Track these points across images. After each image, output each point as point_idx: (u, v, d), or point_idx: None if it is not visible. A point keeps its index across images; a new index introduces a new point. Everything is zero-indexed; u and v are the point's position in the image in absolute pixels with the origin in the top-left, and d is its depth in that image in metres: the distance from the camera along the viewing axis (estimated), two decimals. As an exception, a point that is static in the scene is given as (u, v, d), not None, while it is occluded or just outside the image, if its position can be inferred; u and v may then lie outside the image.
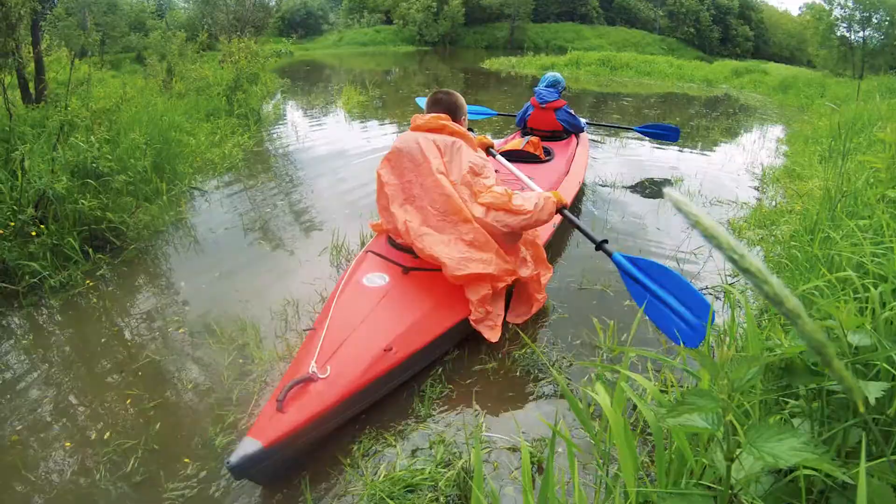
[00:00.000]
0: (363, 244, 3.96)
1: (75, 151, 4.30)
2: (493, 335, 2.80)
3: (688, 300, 2.44)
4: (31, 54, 5.82)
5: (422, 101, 4.39)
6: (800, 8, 47.54)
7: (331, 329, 2.43)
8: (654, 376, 2.57)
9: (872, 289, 1.48)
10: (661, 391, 2.13)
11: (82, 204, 3.94)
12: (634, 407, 2.23)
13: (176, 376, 2.76)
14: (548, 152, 4.95)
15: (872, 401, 1.08)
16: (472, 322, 2.78)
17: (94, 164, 4.26)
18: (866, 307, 1.55)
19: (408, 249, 2.98)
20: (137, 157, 4.75)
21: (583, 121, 5.51)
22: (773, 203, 5.11)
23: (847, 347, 1.21)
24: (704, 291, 3.43)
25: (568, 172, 4.69)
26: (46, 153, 4.28)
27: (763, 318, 2.64)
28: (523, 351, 2.86)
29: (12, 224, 3.62)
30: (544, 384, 2.65)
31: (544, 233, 3.51)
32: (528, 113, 5.55)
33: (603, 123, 8.17)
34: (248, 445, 1.91)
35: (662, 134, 6.49)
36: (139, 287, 3.66)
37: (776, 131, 10.05)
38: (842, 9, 19.19)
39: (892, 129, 2.89)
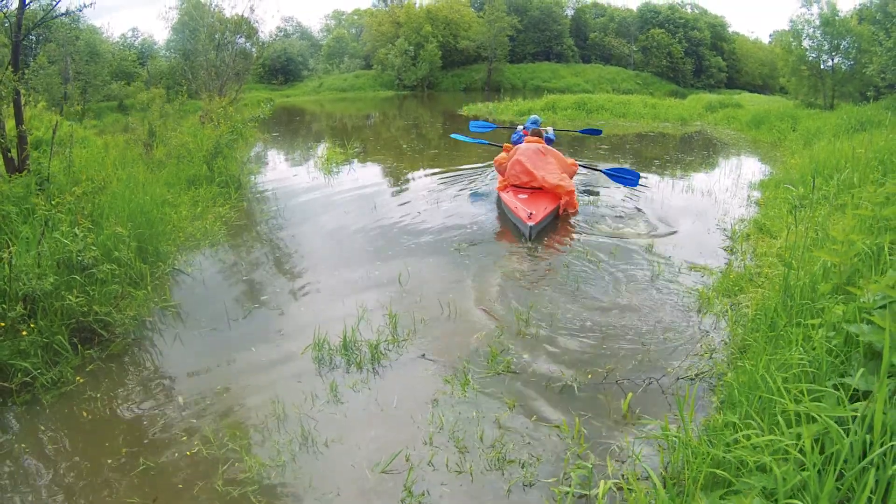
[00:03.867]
0: (351, 329, 4.12)
1: (60, 246, 4.38)
2: (571, 206, 7.42)
3: (631, 175, 8.22)
4: (16, 132, 5.92)
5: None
6: (770, 35, 48.74)
7: (526, 206, 6.76)
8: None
9: (780, 479, 1.58)
10: None
11: (69, 300, 4.00)
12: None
13: (170, 485, 2.81)
14: None
15: None
16: (561, 203, 7.23)
17: (80, 258, 4.34)
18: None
19: (525, 187, 7.39)
20: (120, 249, 4.82)
21: (551, 130, 9.68)
22: (742, 265, 5.28)
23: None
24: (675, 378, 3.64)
25: None
26: (32, 246, 4.35)
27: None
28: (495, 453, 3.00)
29: (2, 324, 3.69)
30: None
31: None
32: (522, 138, 8.83)
33: (582, 164, 8.93)
34: (530, 222, 6.35)
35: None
36: (129, 385, 3.71)
37: (748, 173, 10.25)
38: (810, 39, 19.31)
39: (842, 227, 3.04)
